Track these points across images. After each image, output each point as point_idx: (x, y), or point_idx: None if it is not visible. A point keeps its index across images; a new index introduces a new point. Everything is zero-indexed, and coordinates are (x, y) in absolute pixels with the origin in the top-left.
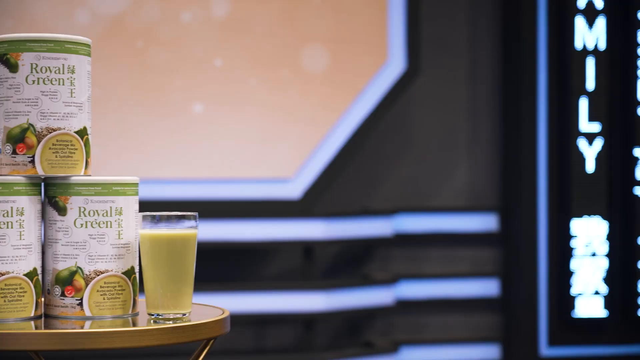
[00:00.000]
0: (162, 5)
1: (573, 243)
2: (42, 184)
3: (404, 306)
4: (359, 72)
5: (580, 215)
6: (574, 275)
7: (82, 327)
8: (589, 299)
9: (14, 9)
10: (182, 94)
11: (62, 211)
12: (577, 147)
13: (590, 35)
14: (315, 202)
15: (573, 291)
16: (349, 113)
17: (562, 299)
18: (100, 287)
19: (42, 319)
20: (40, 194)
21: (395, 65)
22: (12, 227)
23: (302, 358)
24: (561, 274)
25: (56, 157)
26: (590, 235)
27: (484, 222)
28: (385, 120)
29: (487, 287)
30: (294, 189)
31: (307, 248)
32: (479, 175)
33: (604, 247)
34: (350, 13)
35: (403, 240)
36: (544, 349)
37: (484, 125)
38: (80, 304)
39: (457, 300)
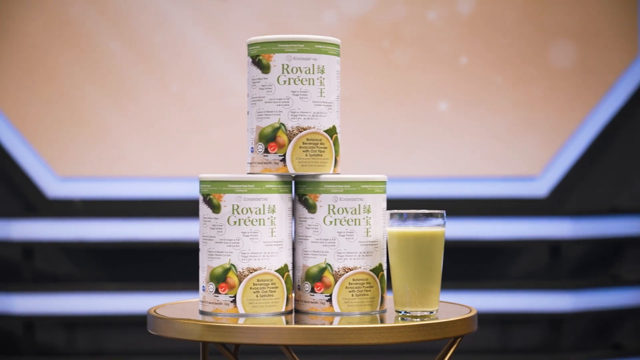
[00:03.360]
0: (408, 5)
1: None
2: (293, 182)
3: None
4: (608, 68)
5: None
6: None
7: (331, 323)
8: None
9: (264, 12)
10: (428, 92)
11: (312, 209)
12: None
13: None
14: (562, 200)
15: None
16: (598, 109)
17: None
18: (349, 284)
19: (293, 314)
20: (290, 192)
21: None
22: (264, 224)
23: (548, 359)
24: None
25: (306, 155)
26: None
27: None
28: (636, 116)
29: None
30: (541, 187)
31: (554, 247)
32: None
33: None
34: (598, 7)
35: None
36: None
37: None
38: (330, 300)
39: None
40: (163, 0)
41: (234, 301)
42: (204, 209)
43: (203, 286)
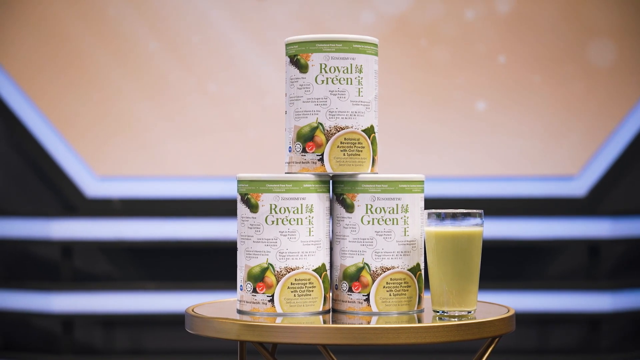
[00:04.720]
0: (446, 3)
1: None
2: (330, 181)
3: None
4: None
5: None
6: None
7: (368, 323)
8: None
9: (302, 12)
10: (465, 92)
11: (349, 208)
12: None
13: None
14: (601, 199)
15: None
16: (637, 108)
17: None
18: (387, 283)
19: (330, 313)
20: (328, 191)
21: None
22: (301, 224)
23: (586, 359)
24: None
25: (344, 155)
26: None
27: None
28: None
29: None
30: (579, 187)
31: (593, 247)
32: None
33: None
34: (637, 5)
35: None
36: None
37: None
38: (367, 300)
39: None
40: (201, 1)
41: (272, 300)
42: (241, 208)
43: (241, 285)
